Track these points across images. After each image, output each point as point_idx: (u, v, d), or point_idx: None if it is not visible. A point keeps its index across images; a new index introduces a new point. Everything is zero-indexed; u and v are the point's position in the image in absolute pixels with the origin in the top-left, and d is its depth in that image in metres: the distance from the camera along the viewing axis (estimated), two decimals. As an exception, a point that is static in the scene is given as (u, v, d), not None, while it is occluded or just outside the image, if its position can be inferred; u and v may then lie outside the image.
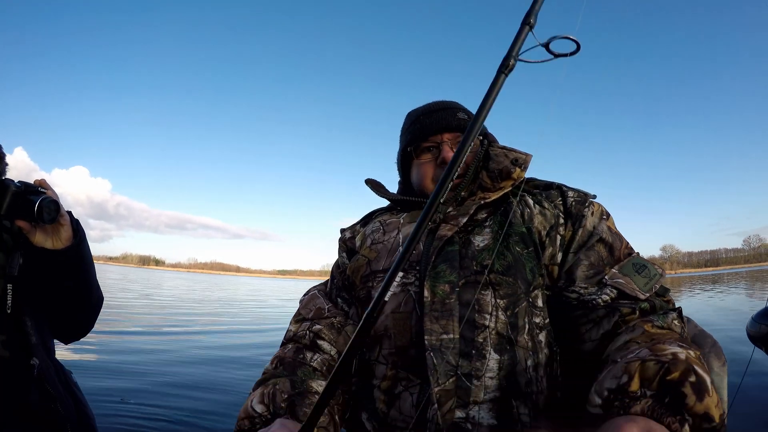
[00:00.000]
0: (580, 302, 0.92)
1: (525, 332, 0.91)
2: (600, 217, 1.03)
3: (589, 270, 0.95)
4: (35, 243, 1.19)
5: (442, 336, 0.90)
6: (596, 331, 0.86)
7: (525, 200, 1.05)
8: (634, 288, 0.90)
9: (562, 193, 1.06)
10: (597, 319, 0.87)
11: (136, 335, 9.35)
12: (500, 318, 0.91)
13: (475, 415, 0.86)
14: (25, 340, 1.22)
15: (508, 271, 0.94)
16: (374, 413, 0.97)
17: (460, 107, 1.18)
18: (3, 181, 1.16)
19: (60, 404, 1.24)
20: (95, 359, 6.59)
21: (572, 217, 1.02)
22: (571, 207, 1.03)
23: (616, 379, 0.68)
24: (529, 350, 0.91)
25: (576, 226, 1.00)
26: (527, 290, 0.94)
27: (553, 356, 0.94)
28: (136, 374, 5.86)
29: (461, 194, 1.08)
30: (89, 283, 1.33)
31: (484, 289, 0.93)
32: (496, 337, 0.90)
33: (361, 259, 1.12)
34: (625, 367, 0.69)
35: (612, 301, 0.89)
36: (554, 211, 1.03)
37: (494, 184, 1.06)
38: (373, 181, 1.28)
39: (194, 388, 5.42)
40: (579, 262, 0.97)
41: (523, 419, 0.86)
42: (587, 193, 1.06)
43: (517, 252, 0.96)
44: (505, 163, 1.06)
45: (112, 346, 7.76)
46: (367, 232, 1.18)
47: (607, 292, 0.90)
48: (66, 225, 1.24)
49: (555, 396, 0.92)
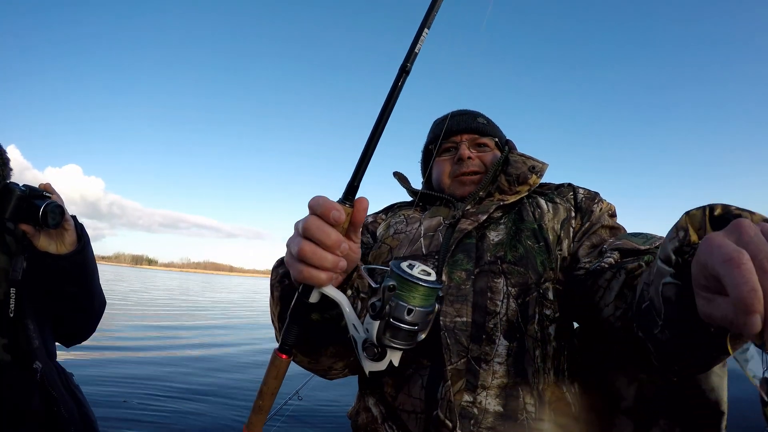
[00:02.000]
0: (588, 273, 0.92)
1: (535, 322, 0.95)
2: (608, 214, 1.09)
3: (590, 248, 1.01)
4: (39, 247, 1.20)
5: (455, 318, 0.95)
6: (609, 294, 0.84)
7: (537, 201, 1.12)
8: (633, 245, 0.90)
9: (574, 189, 1.14)
10: (605, 283, 0.86)
11: (136, 339, 9.33)
12: (511, 305, 0.95)
13: (482, 400, 0.89)
14: (28, 343, 1.23)
15: (520, 262, 0.99)
16: (382, 397, 0.99)
17: (480, 114, 1.29)
18: (8, 185, 1.16)
19: (62, 407, 1.24)
20: (97, 360, 6.58)
21: (582, 211, 1.09)
22: (581, 202, 1.10)
23: (674, 239, 0.61)
24: (537, 340, 0.94)
25: (585, 219, 1.07)
26: (538, 281, 0.98)
27: (561, 350, 0.96)
28: (138, 376, 5.86)
29: (480, 194, 1.15)
30: (92, 288, 1.34)
31: (497, 277, 0.98)
32: (506, 323, 0.94)
33: (383, 246, 1.17)
34: (676, 227, 0.62)
35: (615, 261, 0.89)
36: (566, 205, 1.10)
37: (511, 188, 1.13)
38: (400, 174, 1.35)
39: (197, 390, 5.43)
40: (582, 244, 1.02)
41: (529, 409, 0.89)
42: (598, 192, 1.14)
43: (529, 245, 1.02)
44: (522, 169, 1.14)
45: (114, 346, 7.75)
46: (391, 222, 1.24)
47: (608, 255, 0.91)
48: (70, 230, 1.25)
49: (560, 390, 0.94)
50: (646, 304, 0.66)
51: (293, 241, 0.69)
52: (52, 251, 1.21)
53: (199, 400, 4.97)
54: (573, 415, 0.92)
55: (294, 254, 0.67)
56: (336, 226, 0.67)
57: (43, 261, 1.22)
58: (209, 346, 8.44)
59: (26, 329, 1.23)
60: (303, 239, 0.67)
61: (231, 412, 4.66)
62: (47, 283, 1.26)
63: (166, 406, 4.65)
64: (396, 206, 1.35)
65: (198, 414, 4.48)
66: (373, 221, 1.30)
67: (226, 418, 4.47)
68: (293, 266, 0.68)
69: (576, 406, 0.93)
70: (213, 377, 6.29)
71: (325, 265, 0.66)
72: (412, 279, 0.64)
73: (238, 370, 7.02)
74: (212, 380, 6.06)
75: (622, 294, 0.81)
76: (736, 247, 0.44)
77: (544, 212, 1.09)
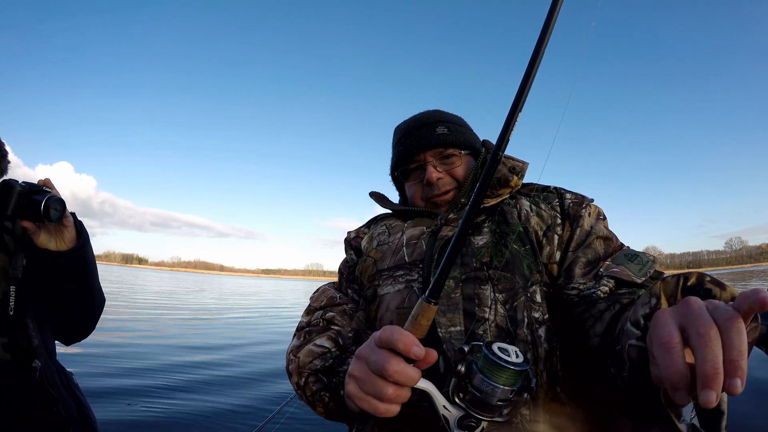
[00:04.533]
0: (581, 298, 0.93)
1: (524, 326, 0.94)
2: (597, 218, 1.07)
3: (585, 267, 0.98)
4: (39, 244, 1.19)
5: (450, 328, 0.95)
6: (600, 325, 0.87)
7: (520, 202, 1.10)
8: (629, 274, 0.91)
9: (560, 195, 1.11)
10: (598, 314, 0.88)
11: (138, 338, 9.29)
12: (499, 311, 0.95)
13: None
14: (28, 342, 1.22)
15: (506, 267, 0.98)
16: (382, 420, 0.98)
17: (440, 119, 1.20)
18: (7, 181, 1.15)
19: (62, 406, 1.23)
20: (100, 362, 6.53)
21: (570, 217, 1.06)
22: (569, 208, 1.07)
23: (646, 305, 0.69)
24: (528, 344, 0.94)
25: (574, 226, 1.04)
26: (525, 285, 0.97)
27: (553, 351, 0.96)
28: (142, 376, 5.83)
29: (461, 201, 1.14)
30: (92, 286, 1.32)
31: (484, 284, 0.97)
32: (495, 329, 0.94)
33: (368, 260, 1.16)
34: (649, 292, 0.70)
35: (611, 292, 0.91)
36: (551, 212, 1.07)
37: (492, 191, 1.10)
38: (377, 193, 1.34)
39: (200, 391, 5.41)
40: (577, 259, 1.00)
41: (523, 412, 0.89)
42: (585, 196, 1.10)
43: (515, 249, 1.01)
44: (503, 171, 1.11)
45: (115, 348, 7.70)
46: (374, 234, 1.22)
47: (604, 283, 0.92)
48: (70, 226, 1.23)
49: (555, 391, 0.94)
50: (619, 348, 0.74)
51: (367, 379, 0.72)
52: (51, 248, 1.20)
53: (205, 401, 4.96)
54: (569, 414, 0.92)
55: (372, 393, 0.71)
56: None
57: (42, 258, 1.20)
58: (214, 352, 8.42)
59: (26, 328, 1.22)
60: (384, 382, 0.69)
61: (235, 414, 4.65)
62: (47, 281, 1.25)
63: (171, 407, 4.62)
64: (379, 218, 1.33)
65: (203, 415, 4.47)
66: (356, 236, 1.29)
67: (231, 419, 4.46)
68: (368, 403, 0.72)
69: (571, 406, 0.93)
70: (218, 377, 6.29)
71: (402, 401, 0.71)
72: (508, 365, 0.67)
73: (243, 370, 7.01)
74: (217, 381, 6.06)
75: (612, 326, 0.85)
76: (670, 331, 0.54)
77: (529, 214, 1.07)
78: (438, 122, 1.18)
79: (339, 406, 0.89)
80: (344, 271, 1.26)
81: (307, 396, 0.96)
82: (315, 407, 0.96)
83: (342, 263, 1.30)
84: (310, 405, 0.98)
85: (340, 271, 1.29)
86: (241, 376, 6.44)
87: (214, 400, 5.07)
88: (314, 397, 0.94)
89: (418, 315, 0.72)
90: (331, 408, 0.92)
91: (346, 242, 1.31)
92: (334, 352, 0.98)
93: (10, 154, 1.32)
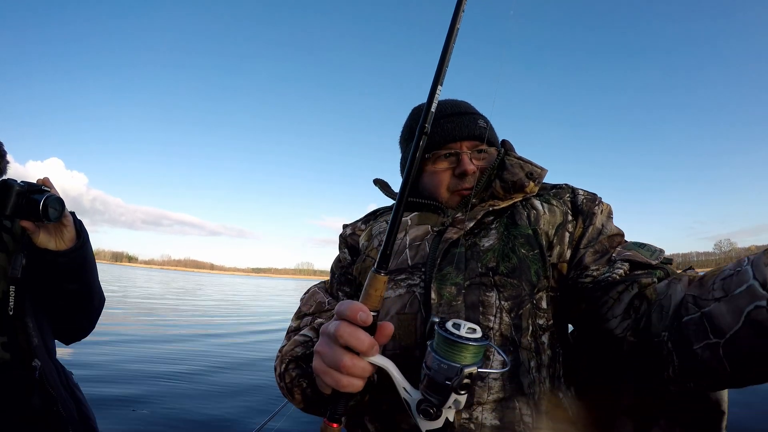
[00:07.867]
0: (596, 283, 0.91)
1: (528, 334, 0.92)
2: (608, 216, 1.06)
3: (596, 255, 0.97)
4: (38, 244, 1.19)
5: None
6: (619, 306, 0.84)
7: (531, 203, 1.06)
8: (643, 258, 0.90)
9: (573, 191, 1.09)
10: (617, 295, 0.86)
11: (140, 342, 9.21)
12: (504, 320, 0.92)
13: (479, 415, 0.87)
14: (27, 341, 1.21)
15: (513, 273, 0.95)
16: (378, 415, 0.97)
17: (479, 113, 1.16)
18: (6, 181, 1.15)
19: (61, 406, 1.23)
20: (103, 364, 6.48)
21: (583, 214, 1.04)
22: (582, 204, 1.05)
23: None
24: (532, 351, 0.92)
25: (586, 223, 1.02)
26: (531, 292, 0.95)
27: (556, 357, 0.95)
28: (147, 381, 5.79)
29: (472, 200, 1.08)
30: (91, 285, 1.32)
31: (489, 291, 0.94)
32: (499, 338, 0.91)
33: (368, 260, 1.11)
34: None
35: (626, 273, 0.89)
36: (563, 208, 1.05)
37: (505, 195, 1.06)
38: (381, 181, 1.29)
39: (203, 394, 5.38)
40: (587, 250, 0.99)
41: (526, 420, 0.88)
42: (596, 193, 1.09)
43: (523, 254, 0.97)
44: (519, 175, 1.06)
45: (116, 350, 7.65)
46: (374, 232, 1.17)
47: (619, 266, 0.90)
48: (69, 225, 1.23)
49: (557, 397, 0.93)
50: (694, 318, 0.68)
51: (328, 350, 0.71)
52: (51, 248, 1.20)
53: (209, 405, 4.92)
54: (570, 419, 0.91)
55: (331, 364, 0.69)
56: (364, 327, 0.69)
57: (42, 258, 1.20)
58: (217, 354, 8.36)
59: (26, 327, 1.21)
60: (338, 348, 0.68)
61: (238, 414, 4.63)
62: (46, 281, 1.24)
63: (176, 412, 4.60)
64: (378, 212, 1.28)
65: (208, 417, 4.45)
66: (352, 233, 1.23)
67: (236, 422, 4.44)
68: (330, 375, 0.70)
69: (573, 411, 0.92)
70: (219, 379, 6.25)
71: (363, 374, 0.69)
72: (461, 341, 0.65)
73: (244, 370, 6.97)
74: (219, 382, 6.02)
75: (631, 305, 0.83)
76: None
77: (540, 214, 1.03)
78: (477, 115, 1.14)
79: (316, 393, 0.87)
80: (336, 271, 1.21)
81: (286, 383, 0.93)
82: (293, 395, 0.93)
83: (334, 262, 1.25)
84: (288, 394, 0.94)
85: (332, 271, 1.25)
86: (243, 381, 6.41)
87: (223, 403, 5.04)
88: (292, 383, 0.92)
89: (368, 286, 0.71)
90: (308, 395, 0.90)
91: (341, 238, 1.26)
92: (316, 341, 0.94)
93: None
